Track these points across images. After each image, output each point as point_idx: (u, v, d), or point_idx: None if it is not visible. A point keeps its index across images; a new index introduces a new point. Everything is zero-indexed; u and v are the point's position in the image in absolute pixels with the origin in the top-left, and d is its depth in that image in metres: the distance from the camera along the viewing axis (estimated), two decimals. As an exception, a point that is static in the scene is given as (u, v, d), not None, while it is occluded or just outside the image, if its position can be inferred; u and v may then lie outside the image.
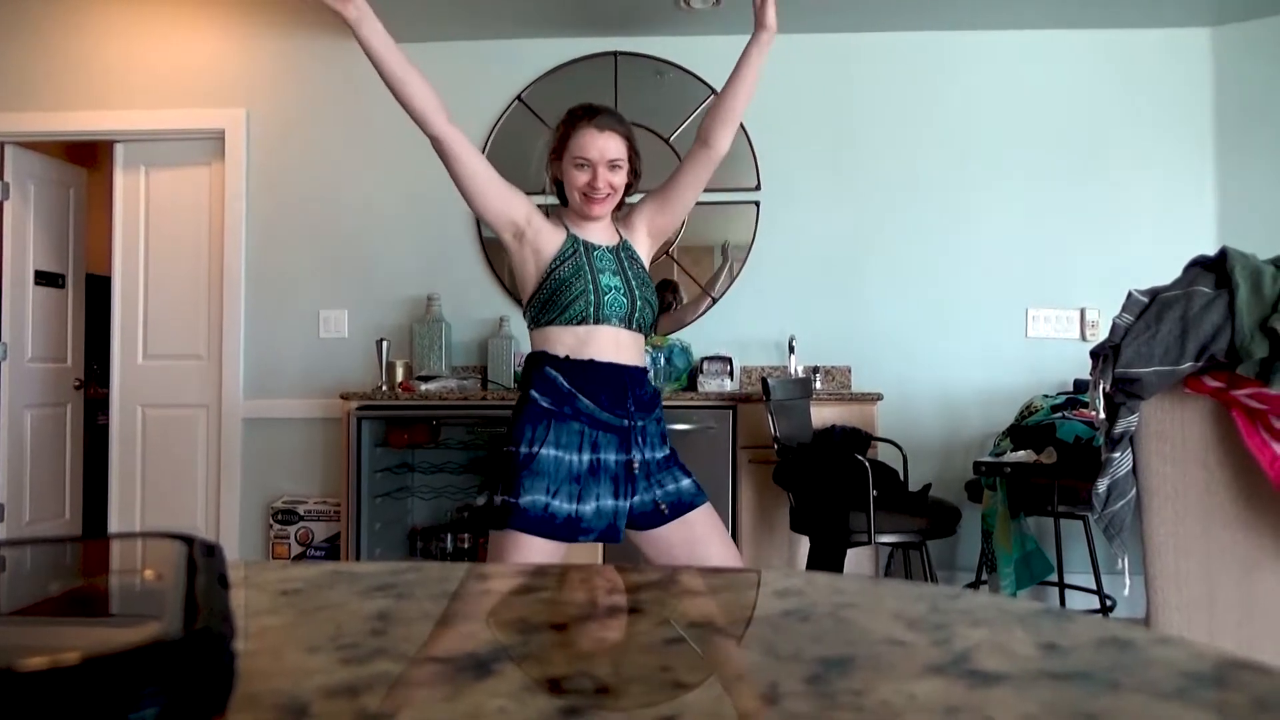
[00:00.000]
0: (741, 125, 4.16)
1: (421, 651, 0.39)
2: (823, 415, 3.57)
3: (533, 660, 0.37)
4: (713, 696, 0.34)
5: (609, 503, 1.89)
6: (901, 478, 3.39)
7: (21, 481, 4.54)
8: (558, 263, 1.93)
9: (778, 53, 4.21)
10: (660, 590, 0.50)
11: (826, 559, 2.99)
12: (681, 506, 1.94)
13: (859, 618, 0.44)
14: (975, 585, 3.63)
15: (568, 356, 1.92)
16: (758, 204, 4.16)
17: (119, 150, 4.44)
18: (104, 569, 0.43)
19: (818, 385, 3.95)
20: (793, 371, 3.97)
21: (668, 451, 2.00)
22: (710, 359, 3.90)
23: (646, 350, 3.98)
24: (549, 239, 1.96)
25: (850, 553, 3.10)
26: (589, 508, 1.86)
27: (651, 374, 3.95)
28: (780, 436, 3.15)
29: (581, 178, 1.95)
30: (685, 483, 1.97)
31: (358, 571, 0.53)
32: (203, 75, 4.34)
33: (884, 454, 3.60)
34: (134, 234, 4.43)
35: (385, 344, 3.95)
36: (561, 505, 1.84)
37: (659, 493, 1.93)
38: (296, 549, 4.04)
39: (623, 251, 2.04)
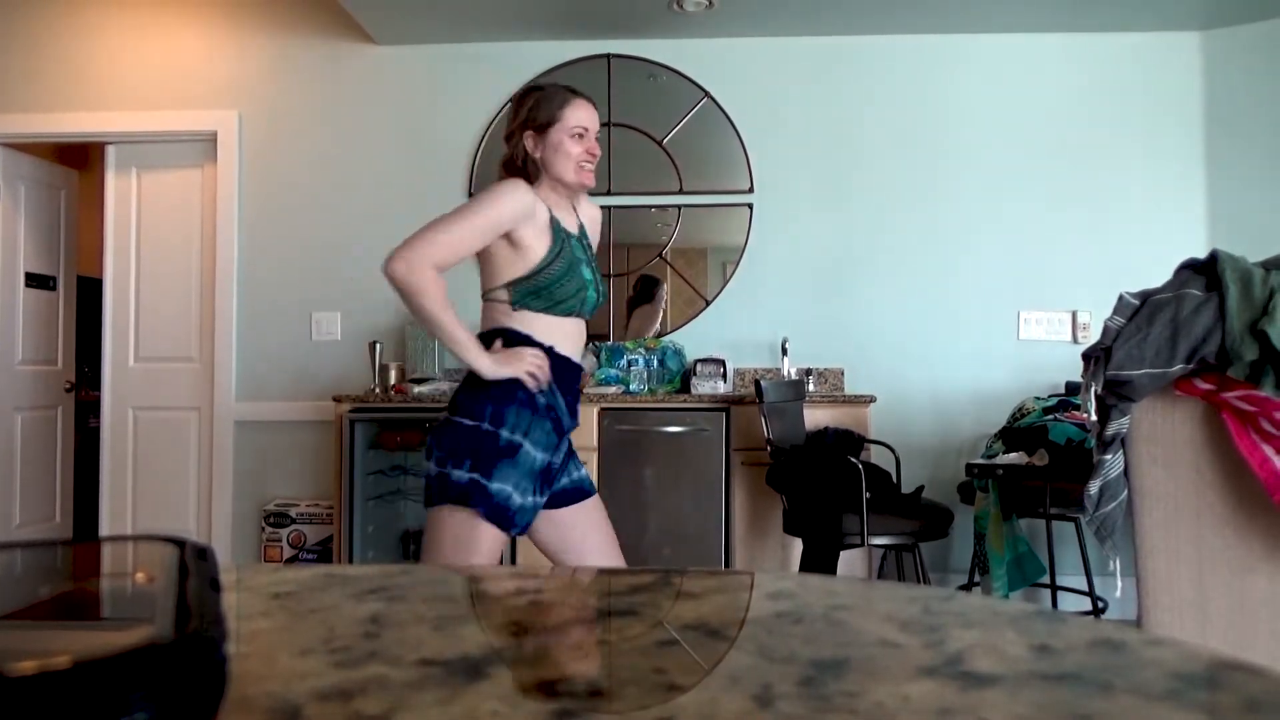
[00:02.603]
0: (735, 128, 4.19)
1: (415, 654, 0.38)
2: (816, 417, 3.57)
3: (526, 663, 0.37)
4: (706, 699, 0.34)
5: (541, 499, 1.92)
6: (894, 480, 3.40)
7: (11, 484, 4.52)
8: (551, 257, 1.88)
9: (771, 55, 4.23)
10: (653, 593, 0.50)
11: (819, 561, 2.99)
12: (581, 493, 2.01)
13: (852, 620, 0.44)
14: (968, 587, 3.64)
15: (552, 348, 1.90)
16: (751, 206, 4.17)
17: (110, 152, 4.42)
18: (95, 572, 0.42)
19: (811, 387, 3.96)
20: (786, 374, 3.98)
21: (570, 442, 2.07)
22: (703, 361, 3.90)
23: (640, 351, 3.99)
24: (540, 232, 1.89)
25: (843, 555, 3.11)
26: (529, 502, 1.88)
27: (646, 375, 3.95)
28: (773, 439, 3.15)
29: (579, 148, 1.93)
30: (583, 471, 2.05)
31: (350, 574, 0.53)
32: (195, 77, 4.32)
33: (877, 456, 3.61)
34: (125, 236, 4.42)
35: (378, 346, 3.94)
36: (515, 500, 1.84)
37: (565, 480, 1.99)
38: (289, 552, 4.03)
39: (583, 238, 2.02)
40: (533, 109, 1.95)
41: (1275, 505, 1.75)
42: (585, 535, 2.00)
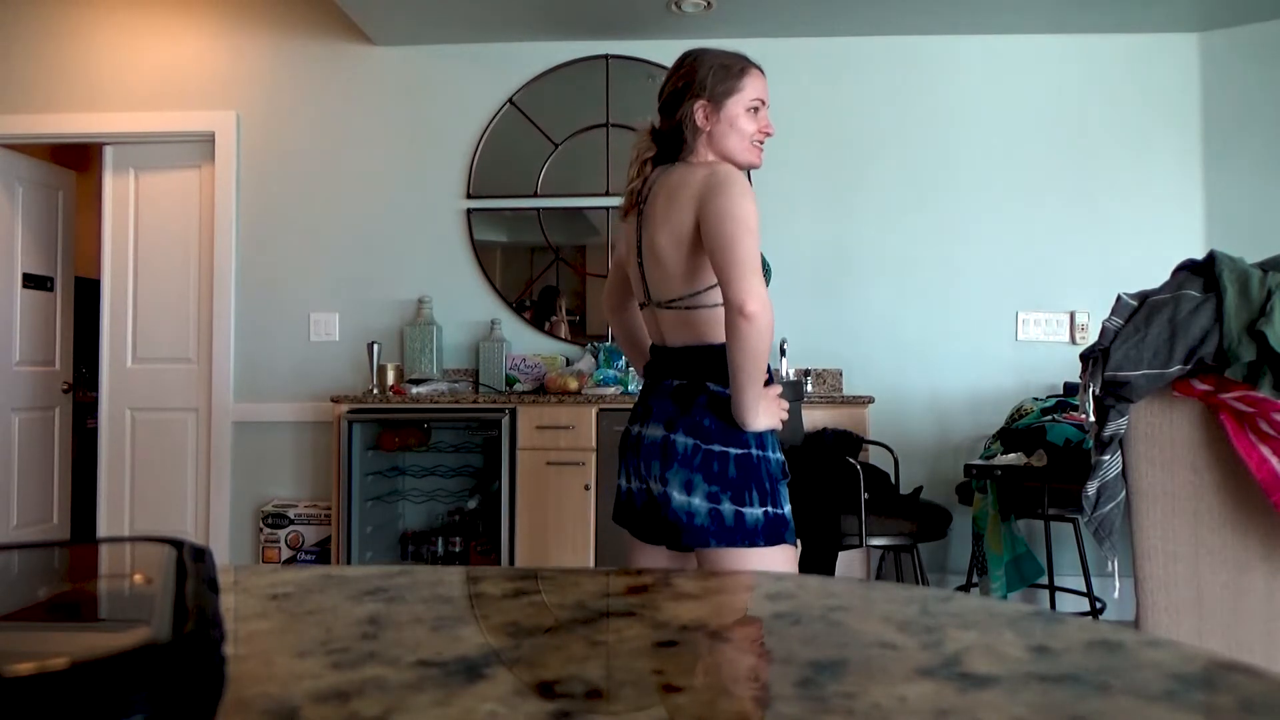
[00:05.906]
0: (733, 129, 4.18)
1: (413, 656, 0.38)
2: (814, 418, 3.57)
3: (524, 664, 0.37)
4: (704, 700, 0.34)
5: None
6: (892, 481, 3.40)
7: (9, 485, 4.51)
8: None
9: (769, 56, 4.22)
10: (652, 593, 0.50)
11: (818, 562, 2.99)
12: None
13: (850, 621, 0.44)
14: (966, 588, 3.64)
15: None
16: (749, 207, 4.16)
17: (108, 153, 4.42)
18: (92, 573, 0.42)
19: (809, 388, 3.96)
20: (784, 374, 3.97)
21: None
22: (702, 362, 3.89)
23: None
24: None
25: (841, 556, 3.11)
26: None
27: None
28: (772, 440, 3.15)
29: (754, 124, 1.80)
30: None
31: (348, 575, 0.53)
32: (193, 78, 4.32)
33: (875, 457, 3.61)
34: (123, 237, 4.41)
35: (376, 347, 3.94)
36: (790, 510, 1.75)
37: None
38: (287, 553, 4.02)
39: None
40: (709, 77, 1.78)
41: (1273, 505, 1.75)
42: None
